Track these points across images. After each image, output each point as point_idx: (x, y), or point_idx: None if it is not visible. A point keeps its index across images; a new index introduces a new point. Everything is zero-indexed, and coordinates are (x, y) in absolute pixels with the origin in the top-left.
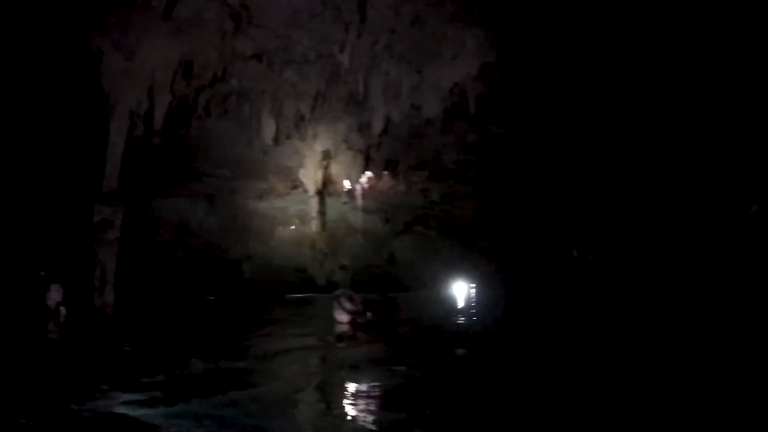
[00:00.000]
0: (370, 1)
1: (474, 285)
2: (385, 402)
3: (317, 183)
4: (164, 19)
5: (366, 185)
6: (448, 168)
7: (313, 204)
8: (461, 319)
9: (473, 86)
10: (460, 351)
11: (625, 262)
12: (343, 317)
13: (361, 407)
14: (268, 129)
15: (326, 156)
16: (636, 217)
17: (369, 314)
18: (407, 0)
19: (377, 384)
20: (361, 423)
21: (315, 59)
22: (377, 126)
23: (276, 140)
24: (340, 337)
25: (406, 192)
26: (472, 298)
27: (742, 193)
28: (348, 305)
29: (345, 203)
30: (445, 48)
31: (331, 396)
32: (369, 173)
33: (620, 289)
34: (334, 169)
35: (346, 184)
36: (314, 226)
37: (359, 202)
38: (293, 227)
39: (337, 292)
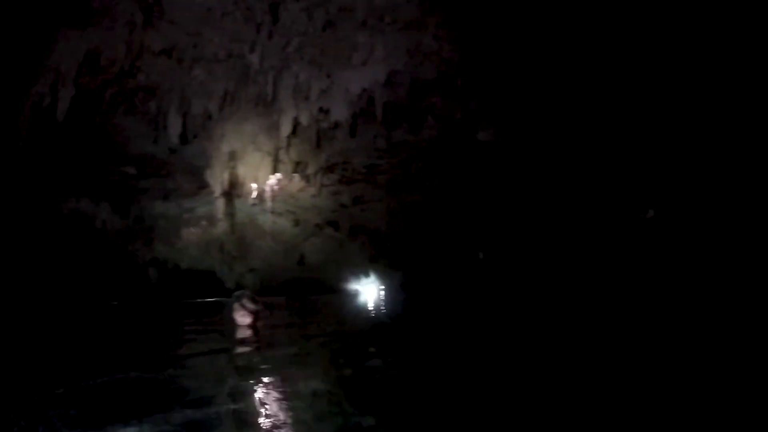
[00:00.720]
0: (283, 3)
1: (383, 288)
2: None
3: (224, 184)
4: (72, 9)
5: (275, 187)
6: (358, 171)
7: (221, 205)
8: (368, 322)
9: (381, 92)
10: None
11: (525, 264)
12: (244, 319)
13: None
14: (175, 127)
15: (233, 157)
16: (538, 221)
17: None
18: (320, 4)
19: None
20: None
21: (225, 58)
22: (285, 128)
23: (183, 139)
24: (244, 340)
25: (316, 194)
26: (382, 301)
27: (639, 198)
28: (249, 306)
29: (254, 205)
30: (354, 54)
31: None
32: (278, 175)
33: (518, 290)
34: (242, 170)
35: (255, 185)
36: (222, 228)
37: (269, 204)
38: (201, 229)
39: (237, 293)
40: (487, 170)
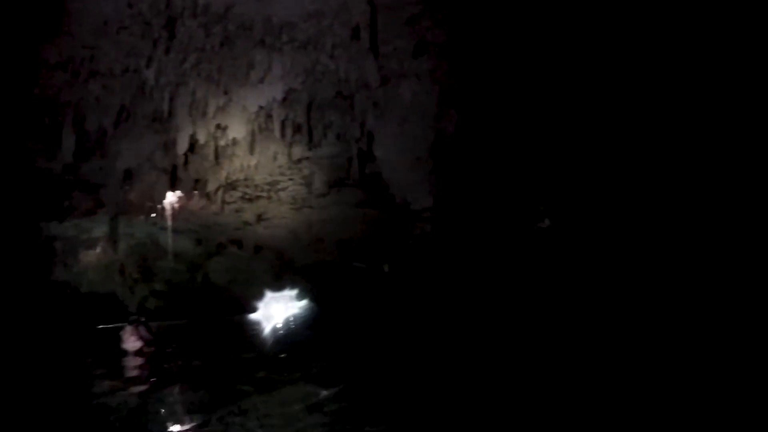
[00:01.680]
0: (181, 19)
1: (292, 305)
2: None
3: (121, 203)
4: None
5: (176, 205)
6: (261, 188)
7: (119, 225)
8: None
9: (279, 110)
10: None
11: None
12: (133, 345)
13: None
14: (69, 143)
15: (129, 175)
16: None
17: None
18: (218, 21)
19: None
20: None
21: (121, 73)
22: (182, 145)
23: (78, 156)
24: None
25: (219, 212)
26: (290, 319)
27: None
28: (139, 334)
29: (154, 224)
30: (252, 71)
31: None
32: (178, 192)
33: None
34: (139, 188)
35: (154, 204)
36: (122, 249)
37: (169, 222)
38: (100, 251)
39: (131, 319)
40: (386, 185)
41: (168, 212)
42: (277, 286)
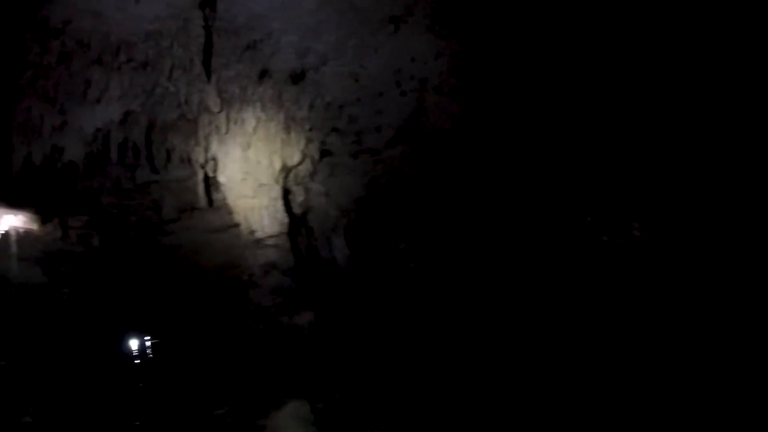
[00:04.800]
0: (15, 33)
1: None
2: None
3: None
4: None
5: (20, 230)
6: (109, 213)
7: None
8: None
9: (117, 132)
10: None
11: None
12: None
13: None
14: None
15: None
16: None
17: None
18: (55, 37)
19: None
20: None
21: None
22: (17, 165)
23: None
24: None
25: (63, 238)
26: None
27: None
28: None
29: None
30: (89, 90)
31: None
32: (21, 217)
33: None
34: None
35: None
36: None
37: (13, 249)
38: None
39: None
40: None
41: (10, 238)
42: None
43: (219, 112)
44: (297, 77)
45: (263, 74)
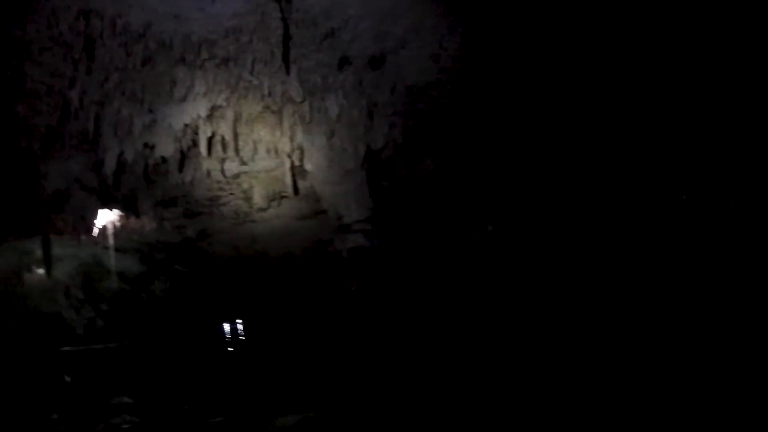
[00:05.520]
0: (100, 40)
1: (240, 320)
2: None
3: (52, 224)
4: None
5: (116, 224)
6: (202, 204)
7: (59, 246)
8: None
9: (204, 127)
10: None
11: None
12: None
13: None
14: None
15: (59, 196)
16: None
17: None
18: (138, 41)
19: None
20: None
21: (45, 94)
22: (110, 164)
23: (9, 178)
24: None
25: (159, 229)
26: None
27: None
28: None
29: (96, 244)
30: (175, 89)
31: None
32: (117, 211)
33: None
34: (70, 209)
35: (89, 224)
36: (65, 270)
37: (111, 242)
38: (42, 272)
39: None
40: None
41: (108, 232)
42: (226, 301)
43: (302, 101)
44: (377, 62)
45: (343, 61)
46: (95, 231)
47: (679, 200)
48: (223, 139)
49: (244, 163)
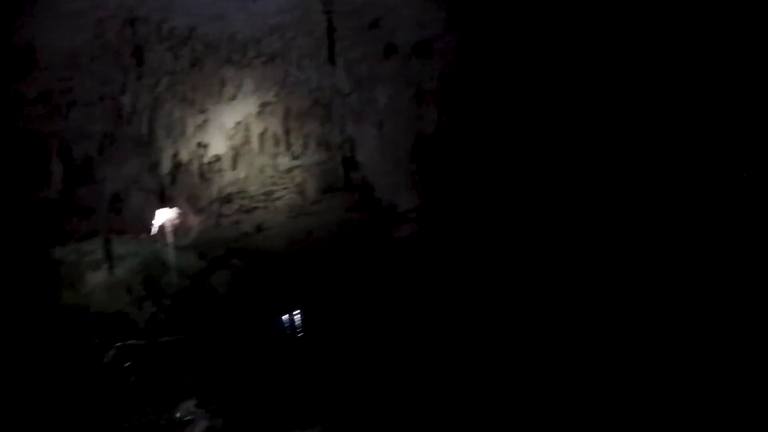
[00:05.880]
0: (148, 45)
1: (298, 312)
2: None
3: (112, 225)
4: None
5: (174, 222)
6: (257, 199)
7: (116, 246)
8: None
9: (256, 124)
10: None
11: None
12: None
13: None
14: (58, 172)
15: (118, 198)
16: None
17: None
18: (184, 44)
19: None
20: None
21: (98, 101)
22: (166, 165)
23: (68, 183)
24: None
25: (216, 225)
26: (298, 325)
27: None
28: None
29: (155, 242)
30: (224, 89)
31: None
32: (175, 210)
33: None
34: (129, 209)
35: (149, 223)
36: (126, 268)
37: (170, 239)
38: (104, 271)
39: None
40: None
41: (168, 229)
42: (283, 294)
43: (350, 93)
44: (422, 49)
45: (388, 50)
46: (154, 229)
47: (739, 178)
48: (274, 134)
49: (295, 158)
